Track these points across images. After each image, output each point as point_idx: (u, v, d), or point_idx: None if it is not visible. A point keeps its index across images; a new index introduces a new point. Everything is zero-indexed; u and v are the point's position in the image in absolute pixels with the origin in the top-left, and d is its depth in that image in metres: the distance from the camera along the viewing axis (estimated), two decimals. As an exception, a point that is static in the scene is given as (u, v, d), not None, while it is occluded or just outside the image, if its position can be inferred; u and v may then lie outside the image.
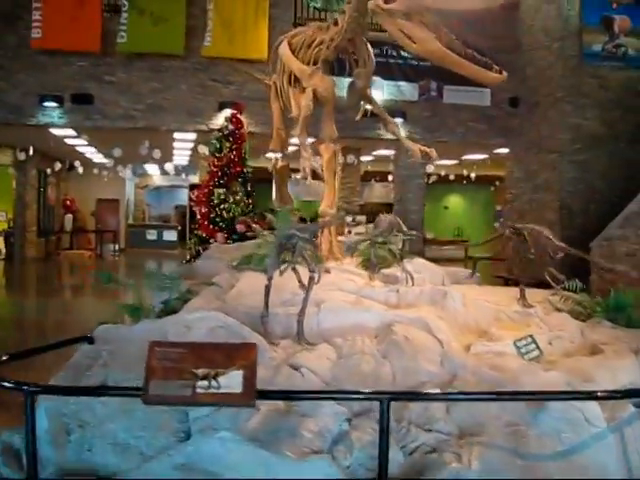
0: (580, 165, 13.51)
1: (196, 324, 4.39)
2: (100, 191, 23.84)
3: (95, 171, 20.58)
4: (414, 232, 5.77)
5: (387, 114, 6.83)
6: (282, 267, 4.70)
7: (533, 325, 5.38)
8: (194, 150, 19.30)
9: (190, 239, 13.63)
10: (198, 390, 3.16)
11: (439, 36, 5.51)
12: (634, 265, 10.06)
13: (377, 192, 25.28)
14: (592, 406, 3.83)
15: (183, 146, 19.09)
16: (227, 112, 13.75)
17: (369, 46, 6.48)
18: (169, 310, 5.17)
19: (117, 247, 24.05)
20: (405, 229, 5.75)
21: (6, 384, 3.33)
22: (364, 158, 20.38)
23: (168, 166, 17.79)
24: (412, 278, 5.66)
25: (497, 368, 4.35)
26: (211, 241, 12.23)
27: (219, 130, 13.46)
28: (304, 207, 25.38)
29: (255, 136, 14.16)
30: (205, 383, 3.17)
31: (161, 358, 3.24)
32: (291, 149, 8.68)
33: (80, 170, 19.23)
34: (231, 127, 13.27)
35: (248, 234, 11.93)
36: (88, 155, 20.77)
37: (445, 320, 5.05)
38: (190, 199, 17.42)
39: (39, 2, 12.60)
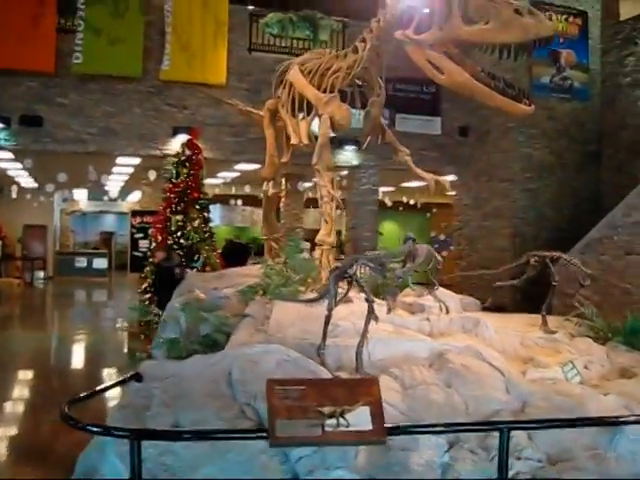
0: (531, 193, 13.98)
1: (263, 358, 4.24)
2: (27, 217, 22.81)
3: (27, 196, 19.71)
4: (439, 259, 5.79)
5: (398, 143, 6.88)
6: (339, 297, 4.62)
7: (564, 351, 5.50)
8: (133, 175, 18.85)
9: (146, 267, 13.20)
10: (327, 429, 3.03)
11: (465, 68, 5.61)
12: (595, 290, 10.45)
13: (312, 218, 25.29)
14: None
15: (122, 171, 18.59)
16: (181, 137, 13.51)
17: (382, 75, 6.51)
18: (208, 343, 4.98)
19: (45, 275, 23.03)
20: (440, 258, 5.77)
21: (113, 431, 3.10)
22: (306, 184, 20.43)
23: (113, 191, 17.23)
24: (446, 307, 5.67)
25: (562, 394, 4.41)
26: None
27: (175, 156, 13.19)
28: (238, 232, 25.26)
29: (209, 161, 13.98)
30: (333, 421, 3.06)
31: (283, 397, 3.09)
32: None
33: (14, 194, 18.36)
34: (188, 152, 13.04)
35: (163, 263, 11.77)
36: (18, 179, 19.88)
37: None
38: (132, 226, 16.97)
39: (-13, 20, 12.06)
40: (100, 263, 24.01)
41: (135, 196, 22.49)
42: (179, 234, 12.83)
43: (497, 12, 5.14)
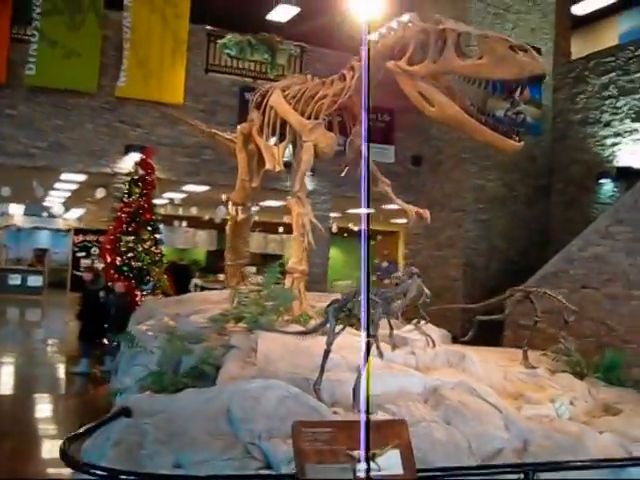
0: (483, 224, 14.18)
1: (263, 394, 4.07)
2: (-42, 232, 21.86)
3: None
4: (429, 294, 5.73)
5: (379, 173, 6.84)
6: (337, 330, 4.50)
7: (547, 386, 5.51)
8: (76, 192, 18.28)
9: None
10: (359, 474, 2.90)
11: (455, 101, 5.62)
12: (551, 322, 10.61)
13: (256, 242, 25.10)
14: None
15: (64, 187, 18.00)
16: (133, 156, 13.18)
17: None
18: (195, 376, 4.76)
19: (-24, 292, 22.05)
20: (427, 292, 5.71)
21: (130, 477, 2.88)
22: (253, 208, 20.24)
23: (56, 207, 16.65)
24: (433, 341, 5.61)
25: (560, 431, 4.39)
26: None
27: (127, 174, 12.84)
28: (180, 254, 24.80)
29: (160, 182, 13.65)
30: (364, 466, 2.92)
31: (311, 440, 2.94)
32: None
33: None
34: (141, 172, 12.71)
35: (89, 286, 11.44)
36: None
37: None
38: (74, 244, 16.39)
39: None
40: (35, 280, 23.11)
41: (74, 214, 21.81)
42: (129, 255, 12.46)
43: (491, 48, 5.17)
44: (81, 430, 3.59)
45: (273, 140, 7.30)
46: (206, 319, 6.32)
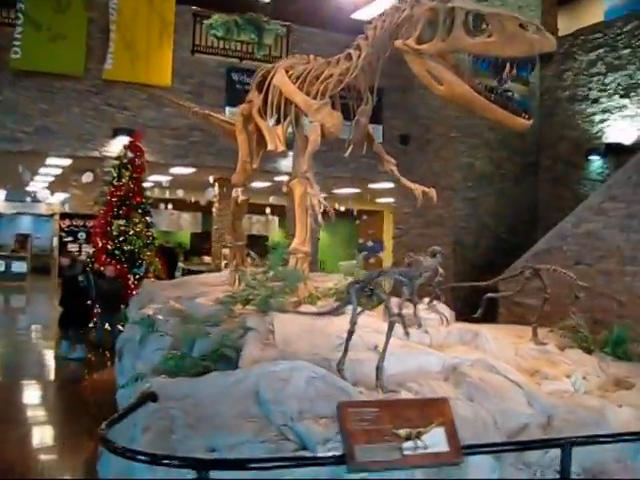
0: (472, 202, 14.24)
1: (291, 376, 4.07)
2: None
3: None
4: (442, 272, 5.75)
5: (385, 153, 6.84)
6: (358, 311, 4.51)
7: (559, 362, 5.57)
8: (61, 177, 18.07)
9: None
10: (406, 452, 2.92)
11: (463, 80, 5.62)
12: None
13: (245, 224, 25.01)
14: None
15: (49, 172, 17.79)
16: (121, 139, 13.05)
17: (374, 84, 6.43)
18: (216, 359, 4.75)
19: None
20: (441, 270, 5.72)
21: (174, 462, 2.87)
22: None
23: (42, 192, 16.44)
24: (447, 319, 5.65)
25: (582, 406, 4.45)
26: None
27: (116, 158, 12.72)
28: (165, 237, 24.65)
29: (150, 165, 13.53)
30: (411, 444, 2.95)
31: (357, 420, 2.96)
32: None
33: None
34: (130, 155, 12.60)
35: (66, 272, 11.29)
36: None
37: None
38: (61, 229, 16.23)
39: None
40: (19, 267, 22.86)
41: (58, 198, 21.55)
42: (121, 239, 12.38)
43: (501, 26, 5.16)
44: (116, 415, 3.56)
45: (271, 121, 7.26)
46: (212, 301, 6.32)
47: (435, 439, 2.98)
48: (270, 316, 5.36)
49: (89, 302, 11.71)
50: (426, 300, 6.00)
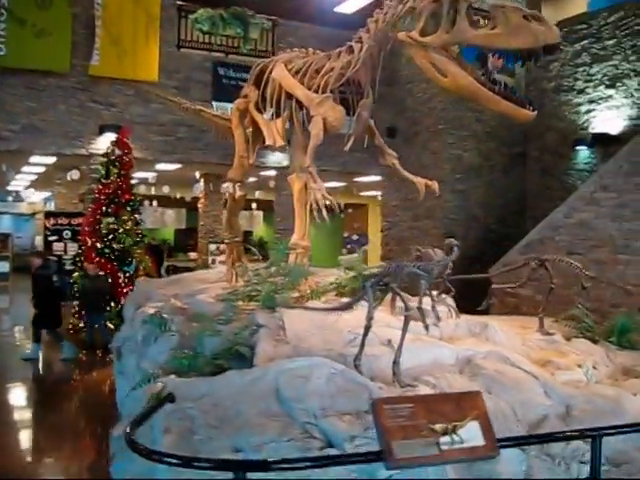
0: (461, 194, 14.29)
1: (311, 373, 4.04)
2: None
3: None
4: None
5: (386, 146, 6.82)
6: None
7: (567, 352, 5.59)
8: (44, 175, 17.86)
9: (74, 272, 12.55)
10: (443, 447, 2.91)
11: (467, 72, 5.61)
12: (537, 289, 10.80)
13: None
14: None
15: (32, 170, 17.57)
16: (108, 136, 12.90)
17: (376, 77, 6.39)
18: (229, 357, 4.70)
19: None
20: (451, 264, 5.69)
21: (210, 464, 2.83)
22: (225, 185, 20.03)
23: (26, 191, 16.21)
24: (456, 312, 5.65)
25: (598, 395, 4.47)
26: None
27: (104, 155, 12.57)
28: (149, 234, 24.44)
29: (137, 161, 13.40)
30: (447, 439, 2.93)
31: (393, 416, 2.94)
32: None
33: None
34: (118, 152, 12.46)
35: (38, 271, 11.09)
36: None
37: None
38: (46, 228, 16.04)
39: None
40: (2, 267, 22.56)
41: (40, 197, 21.29)
42: (110, 237, 12.25)
43: (505, 17, 5.15)
44: (138, 417, 3.51)
45: (266, 115, 7.21)
46: (213, 298, 6.27)
47: (471, 433, 2.97)
48: (279, 312, 5.32)
49: (61, 302, 11.45)
50: (434, 293, 5.99)
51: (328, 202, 6.06)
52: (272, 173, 16.02)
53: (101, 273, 11.89)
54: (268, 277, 6.17)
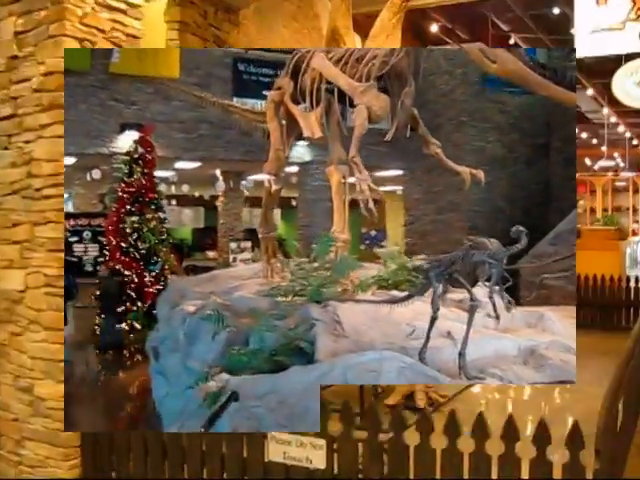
0: (485, 186, 14.06)
1: (382, 366, 3.93)
2: None
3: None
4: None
5: (430, 135, 6.71)
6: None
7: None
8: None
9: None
10: None
11: (514, 56, 5.50)
12: (569, 280, 10.68)
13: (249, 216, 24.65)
14: None
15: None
16: (130, 134, 12.79)
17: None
18: (288, 354, 4.59)
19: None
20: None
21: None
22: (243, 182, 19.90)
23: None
24: (513, 303, 5.53)
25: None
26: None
27: (127, 153, 12.45)
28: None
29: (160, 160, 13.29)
30: None
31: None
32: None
33: None
34: (141, 150, 12.33)
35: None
36: None
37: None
38: (66, 230, 15.88)
39: None
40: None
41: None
42: (135, 236, 12.14)
43: None
44: (210, 416, 3.41)
45: (302, 107, 7.11)
46: (253, 294, 6.19)
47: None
48: (332, 306, 5.20)
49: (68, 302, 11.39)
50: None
51: (374, 193, 5.93)
52: (294, 169, 15.87)
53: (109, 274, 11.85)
54: (313, 271, 6.07)
